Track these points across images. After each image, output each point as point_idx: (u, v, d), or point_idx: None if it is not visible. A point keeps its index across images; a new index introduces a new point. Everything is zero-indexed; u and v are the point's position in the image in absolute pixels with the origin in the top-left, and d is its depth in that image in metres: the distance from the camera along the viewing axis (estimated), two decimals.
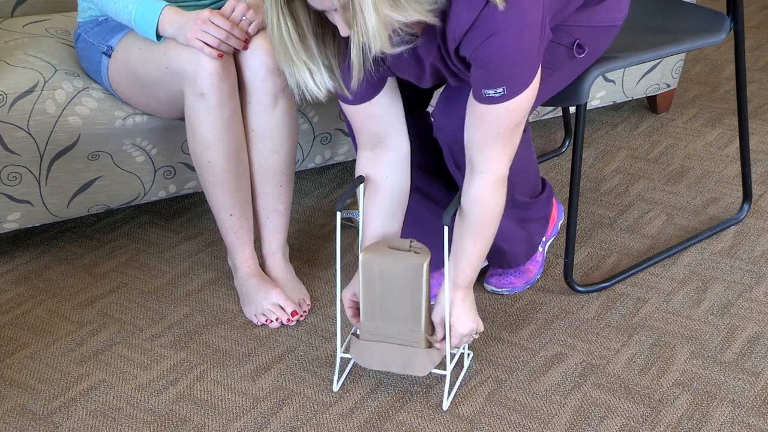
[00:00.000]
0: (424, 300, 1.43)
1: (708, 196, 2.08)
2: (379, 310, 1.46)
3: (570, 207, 1.68)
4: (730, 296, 1.74)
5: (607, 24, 1.54)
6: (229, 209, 1.69)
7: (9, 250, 1.98)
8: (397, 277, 1.43)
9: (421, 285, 1.42)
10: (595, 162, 2.25)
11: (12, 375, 1.60)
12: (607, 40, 1.57)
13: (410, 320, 1.45)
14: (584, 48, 1.50)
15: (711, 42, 1.73)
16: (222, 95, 1.60)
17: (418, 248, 1.44)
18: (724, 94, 2.58)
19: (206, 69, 1.57)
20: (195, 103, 1.60)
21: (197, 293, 1.82)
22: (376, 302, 1.45)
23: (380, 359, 1.48)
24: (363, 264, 1.43)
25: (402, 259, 1.42)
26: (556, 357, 1.60)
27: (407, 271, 1.42)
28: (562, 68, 1.51)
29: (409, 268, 1.42)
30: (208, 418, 1.50)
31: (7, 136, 1.75)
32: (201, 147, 1.64)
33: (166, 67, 1.62)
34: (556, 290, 1.78)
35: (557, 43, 1.48)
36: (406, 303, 1.44)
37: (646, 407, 1.48)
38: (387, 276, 1.43)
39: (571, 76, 1.56)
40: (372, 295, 1.45)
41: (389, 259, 1.42)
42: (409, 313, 1.45)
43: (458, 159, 1.52)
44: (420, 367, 1.46)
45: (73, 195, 1.85)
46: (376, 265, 1.43)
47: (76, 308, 1.78)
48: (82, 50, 1.78)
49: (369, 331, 1.48)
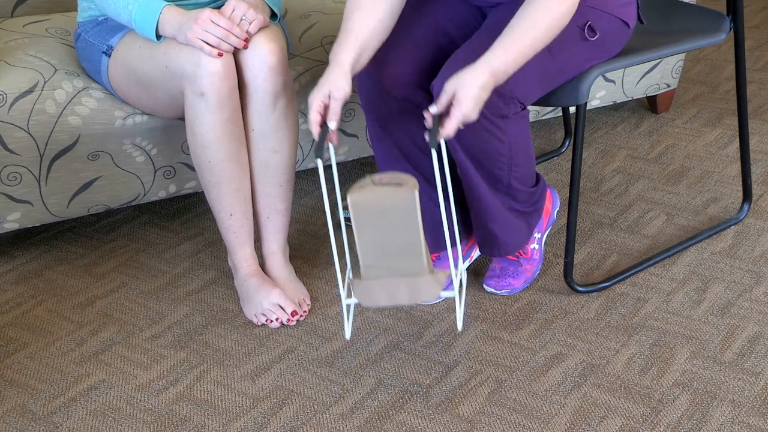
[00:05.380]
0: (419, 228, 1.42)
1: (708, 196, 2.08)
2: (376, 247, 1.44)
3: (570, 207, 1.68)
4: (730, 296, 1.74)
5: (617, 15, 1.56)
6: (229, 209, 1.69)
7: (9, 250, 1.98)
8: (389, 211, 1.41)
9: (414, 214, 1.41)
10: (595, 162, 2.25)
11: (12, 375, 1.60)
12: (617, 38, 1.58)
13: (409, 250, 1.43)
14: (596, 32, 1.50)
15: (711, 42, 1.73)
16: (222, 95, 1.60)
17: (403, 179, 1.43)
18: (724, 94, 2.58)
19: (206, 69, 1.57)
20: (195, 102, 1.60)
21: (197, 293, 1.82)
22: (373, 240, 1.43)
23: (387, 296, 1.45)
24: (353, 206, 1.41)
25: (391, 192, 1.40)
26: (556, 357, 1.60)
27: (398, 203, 1.40)
28: (572, 50, 1.52)
29: (399, 200, 1.40)
30: (208, 418, 1.50)
31: (7, 136, 1.75)
32: (201, 147, 1.64)
33: (166, 67, 1.62)
34: (556, 290, 1.78)
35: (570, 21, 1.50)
36: (402, 234, 1.42)
37: (646, 407, 1.48)
38: (379, 212, 1.41)
39: (579, 64, 1.56)
40: (367, 234, 1.43)
41: (378, 195, 1.40)
42: (407, 244, 1.43)
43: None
44: (428, 292, 1.44)
45: (73, 195, 1.85)
46: (367, 204, 1.41)
47: (76, 308, 1.78)
48: (82, 50, 1.78)
49: (370, 270, 1.45)
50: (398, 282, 1.44)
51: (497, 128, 1.51)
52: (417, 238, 1.42)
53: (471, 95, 1.39)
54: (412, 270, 1.44)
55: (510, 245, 1.69)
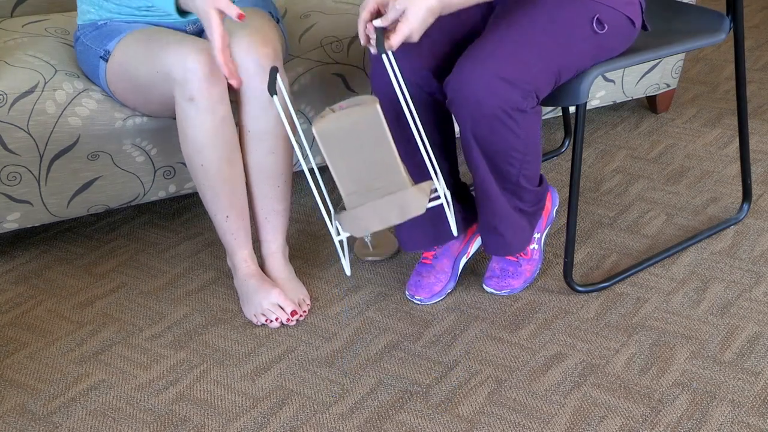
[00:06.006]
0: (390, 142, 1.41)
1: (708, 195, 2.08)
2: (353, 173, 1.42)
3: (570, 207, 1.68)
4: (729, 296, 1.74)
5: (623, 12, 1.59)
6: (225, 211, 1.69)
7: (9, 250, 1.98)
8: (356, 132, 1.40)
9: (381, 128, 1.40)
10: (595, 162, 2.25)
11: (12, 375, 1.60)
12: (624, 35, 1.60)
13: (385, 167, 1.42)
14: (604, 25, 1.53)
15: (711, 42, 1.73)
16: (212, 100, 1.59)
17: (361, 100, 1.42)
18: (723, 94, 2.58)
19: (195, 74, 1.56)
20: (185, 107, 1.60)
21: (197, 293, 1.82)
22: (348, 166, 1.42)
23: (377, 219, 1.43)
24: (320, 136, 1.40)
25: (354, 113, 1.40)
26: (555, 357, 1.60)
27: (364, 121, 1.39)
28: (582, 44, 1.55)
29: (364, 118, 1.39)
30: (208, 417, 1.50)
31: (7, 136, 1.75)
32: (193, 150, 1.63)
33: (158, 71, 1.61)
34: (556, 290, 1.78)
35: (578, 13, 1.53)
36: (375, 152, 1.41)
37: (646, 407, 1.48)
38: (347, 135, 1.40)
39: (588, 59, 1.58)
40: (341, 161, 1.41)
41: (342, 119, 1.39)
42: (382, 161, 1.41)
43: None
44: (416, 205, 1.42)
45: (73, 195, 1.85)
46: (333, 130, 1.40)
47: (75, 308, 1.78)
48: (81, 53, 1.78)
49: (352, 198, 1.43)
50: (384, 202, 1.42)
51: (514, 122, 1.52)
52: (390, 152, 1.41)
53: (419, 16, 1.42)
54: (394, 186, 1.42)
55: (515, 245, 1.70)
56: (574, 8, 1.56)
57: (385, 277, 1.84)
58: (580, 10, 1.56)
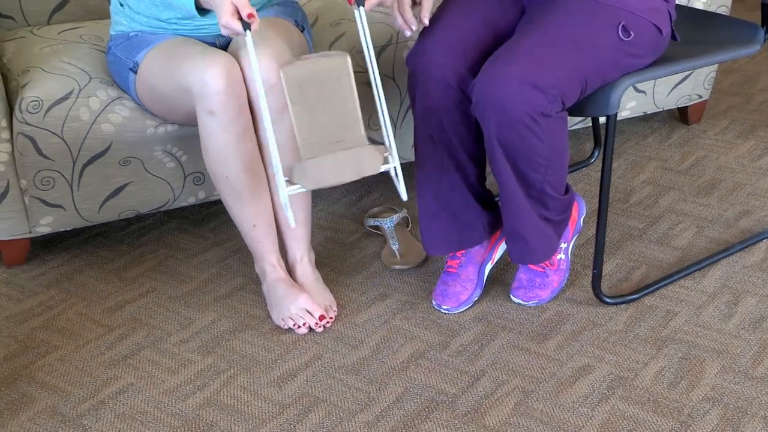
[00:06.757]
0: (355, 96, 1.41)
1: (740, 208, 2.06)
2: (313, 122, 1.41)
3: (599, 218, 1.67)
4: (762, 310, 1.72)
5: (649, 19, 1.59)
6: (252, 220, 1.70)
7: (41, 253, 2.00)
8: (323, 80, 1.40)
9: (348, 80, 1.40)
10: (625, 173, 2.23)
11: (43, 377, 1.62)
12: (652, 43, 1.60)
13: (347, 120, 1.41)
14: (630, 32, 1.53)
15: (745, 53, 1.71)
16: (232, 112, 1.60)
17: (332, 53, 1.43)
18: (757, 106, 2.55)
19: (213, 88, 1.58)
20: (206, 120, 1.61)
21: (225, 299, 1.83)
22: (310, 114, 1.41)
23: (330, 174, 1.42)
24: (287, 80, 1.40)
25: (323, 62, 1.40)
26: (583, 369, 1.59)
27: (332, 70, 1.39)
28: (608, 51, 1.55)
29: (333, 68, 1.39)
30: (235, 423, 1.50)
31: (41, 141, 1.77)
32: (216, 162, 1.65)
33: (179, 85, 1.63)
34: (584, 301, 1.76)
35: (604, 20, 1.55)
36: (339, 105, 1.41)
37: (675, 421, 1.46)
38: (313, 83, 1.40)
39: (615, 67, 1.58)
40: (304, 108, 1.41)
41: (311, 67, 1.40)
42: (344, 114, 1.41)
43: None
44: (370, 164, 1.42)
45: (105, 200, 1.87)
46: (301, 76, 1.40)
47: (105, 312, 1.80)
48: (113, 63, 1.81)
49: (309, 148, 1.42)
50: (340, 156, 1.41)
51: (539, 126, 1.51)
52: (354, 107, 1.41)
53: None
54: (352, 142, 1.42)
55: (539, 253, 1.68)
56: (600, 15, 1.56)
57: (412, 286, 1.84)
58: (606, 17, 1.56)
